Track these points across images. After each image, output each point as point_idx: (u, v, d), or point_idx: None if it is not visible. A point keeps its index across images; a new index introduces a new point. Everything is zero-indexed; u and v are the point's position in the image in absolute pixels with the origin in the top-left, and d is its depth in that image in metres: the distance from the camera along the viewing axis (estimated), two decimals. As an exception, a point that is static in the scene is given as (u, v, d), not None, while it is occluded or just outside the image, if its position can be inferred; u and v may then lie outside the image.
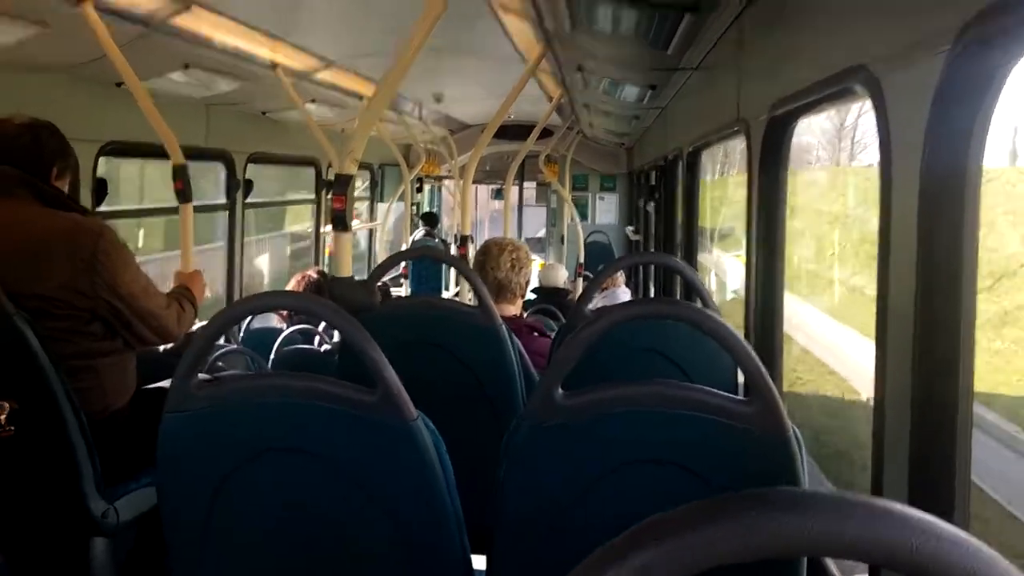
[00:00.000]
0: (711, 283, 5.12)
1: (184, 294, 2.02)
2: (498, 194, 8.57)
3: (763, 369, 0.99)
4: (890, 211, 1.00)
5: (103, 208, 2.95)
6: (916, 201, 0.91)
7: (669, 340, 1.74)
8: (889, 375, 1.00)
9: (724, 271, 5.36)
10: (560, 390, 1.06)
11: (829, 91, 1.30)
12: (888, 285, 1.01)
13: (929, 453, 0.91)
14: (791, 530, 0.39)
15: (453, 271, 6.92)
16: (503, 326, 1.84)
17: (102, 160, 2.95)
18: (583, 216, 7.48)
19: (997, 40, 0.80)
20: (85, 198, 2.78)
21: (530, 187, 8.42)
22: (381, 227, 6.28)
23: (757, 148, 1.72)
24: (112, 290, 1.72)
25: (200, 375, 1.13)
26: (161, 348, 2.18)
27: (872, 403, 1.08)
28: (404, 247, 6.51)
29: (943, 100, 0.88)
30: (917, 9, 0.98)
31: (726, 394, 1.03)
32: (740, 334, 1.03)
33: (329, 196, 5.42)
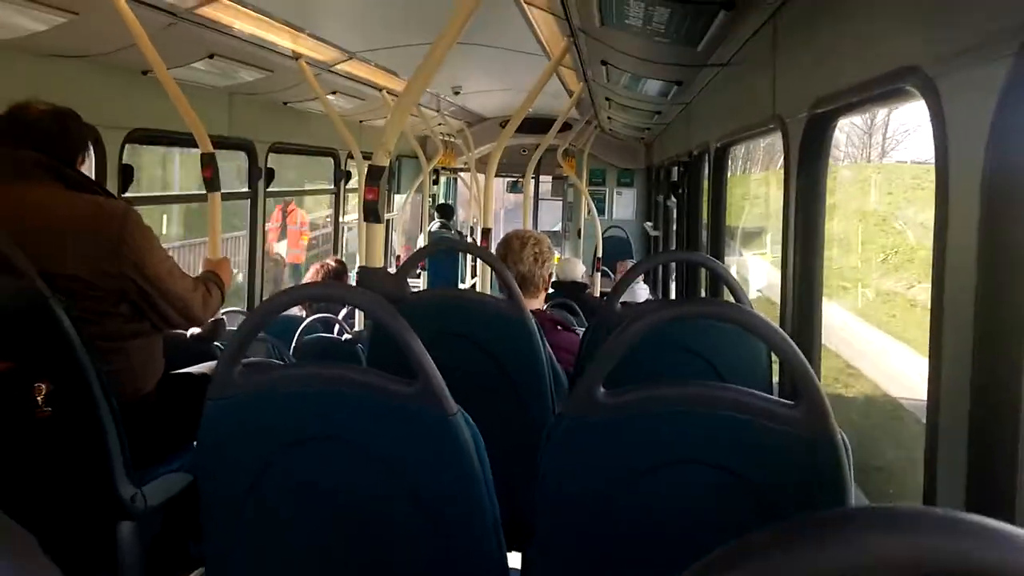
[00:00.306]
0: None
1: (211, 278, 2.04)
2: (514, 187, 8.54)
3: (812, 373, 0.98)
4: (947, 217, 0.98)
5: (128, 195, 2.96)
6: (977, 208, 0.89)
7: (700, 338, 1.73)
8: (944, 382, 0.99)
9: (747, 269, 5.26)
10: (602, 388, 1.05)
11: (877, 91, 1.28)
12: (943, 292, 0.99)
13: (990, 466, 0.89)
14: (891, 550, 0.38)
15: (469, 264, 6.92)
16: (531, 318, 1.84)
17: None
18: (600, 211, 7.46)
19: None
20: (111, 185, 2.80)
21: (546, 181, 8.39)
22: (399, 218, 6.30)
23: (795, 147, 1.69)
24: (139, 271, 1.74)
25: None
26: (188, 334, 2.19)
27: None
28: (421, 238, 6.52)
29: (1009, 105, 0.86)
30: (978, 7, 0.96)
31: (771, 396, 1.02)
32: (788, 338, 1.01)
33: (347, 186, 5.45)
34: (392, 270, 3.20)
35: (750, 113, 2.33)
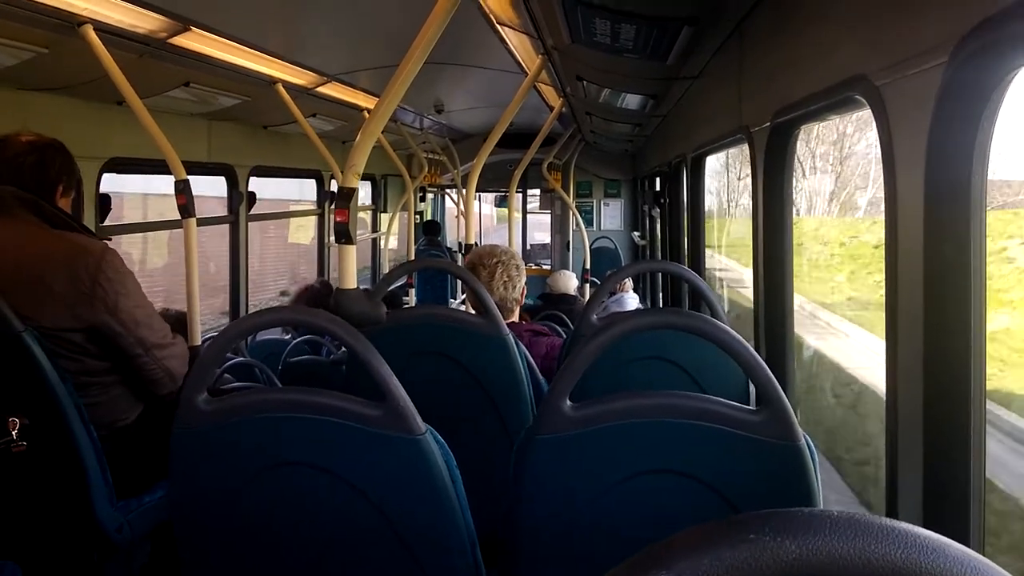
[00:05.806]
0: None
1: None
2: (502, 202, 8.58)
3: (772, 378, 0.99)
4: (896, 219, 1.00)
5: (107, 223, 2.96)
6: (922, 209, 0.91)
7: (679, 349, 1.74)
8: (900, 389, 1.00)
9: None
10: (568, 402, 1.06)
11: (830, 100, 1.30)
12: (896, 297, 1.00)
13: (943, 469, 0.91)
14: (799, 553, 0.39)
15: (460, 280, 6.91)
16: (510, 335, 1.84)
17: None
18: (588, 222, 7.49)
19: (996, 50, 0.81)
20: (89, 214, 2.80)
21: (534, 194, 8.44)
22: (385, 237, 6.30)
23: (761, 155, 1.72)
24: (113, 315, 1.70)
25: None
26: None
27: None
28: (408, 256, 6.52)
29: (945, 109, 0.88)
30: (915, 20, 0.99)
31: (735, 403, 1.03)
32: (749, 343, 1.03)
33: (333, 207, 5.44)
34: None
35: (720, 124, 2.37)
